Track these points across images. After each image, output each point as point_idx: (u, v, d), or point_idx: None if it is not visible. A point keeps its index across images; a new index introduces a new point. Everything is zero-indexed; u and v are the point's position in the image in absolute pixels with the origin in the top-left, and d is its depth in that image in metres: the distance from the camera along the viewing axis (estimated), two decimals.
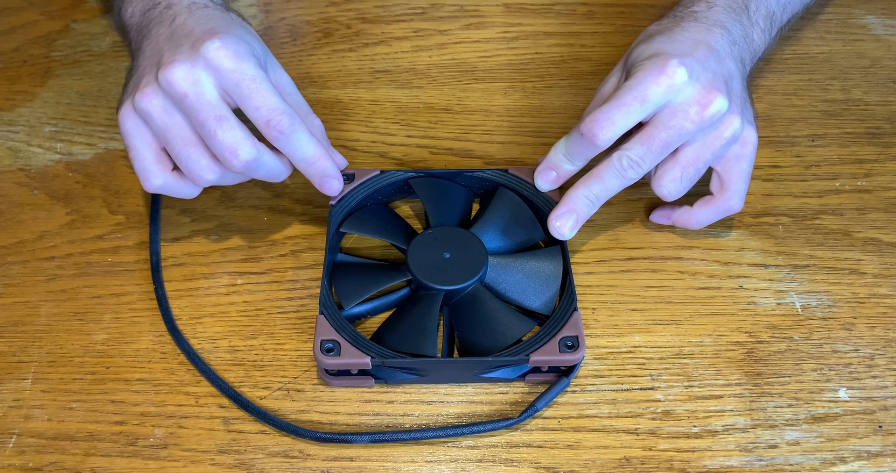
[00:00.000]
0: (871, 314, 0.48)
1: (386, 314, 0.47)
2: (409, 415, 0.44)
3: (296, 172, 0.55)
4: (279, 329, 0.47)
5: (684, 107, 0.44)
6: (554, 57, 0.64)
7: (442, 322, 0.46)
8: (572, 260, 0.50)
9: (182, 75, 0.42)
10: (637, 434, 0.43)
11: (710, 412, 0.44)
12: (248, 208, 0.53)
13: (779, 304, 0.48)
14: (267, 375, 0.45)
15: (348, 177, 0.50)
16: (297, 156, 0.45)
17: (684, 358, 0.46)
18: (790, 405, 0.44)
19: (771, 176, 0.55)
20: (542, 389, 0.44)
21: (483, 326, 0.44)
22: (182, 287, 0.49)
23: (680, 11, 0.50)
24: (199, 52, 0.42)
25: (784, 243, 0.51)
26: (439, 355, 0.44)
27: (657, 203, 0.52)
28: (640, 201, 0.53)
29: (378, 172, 0.50)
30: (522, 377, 0.44)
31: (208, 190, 0.50)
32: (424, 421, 0.43)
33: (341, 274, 0.47)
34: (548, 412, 0.44)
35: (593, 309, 0.48)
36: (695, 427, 0.43)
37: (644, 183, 0.48)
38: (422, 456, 0.42)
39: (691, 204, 0.50)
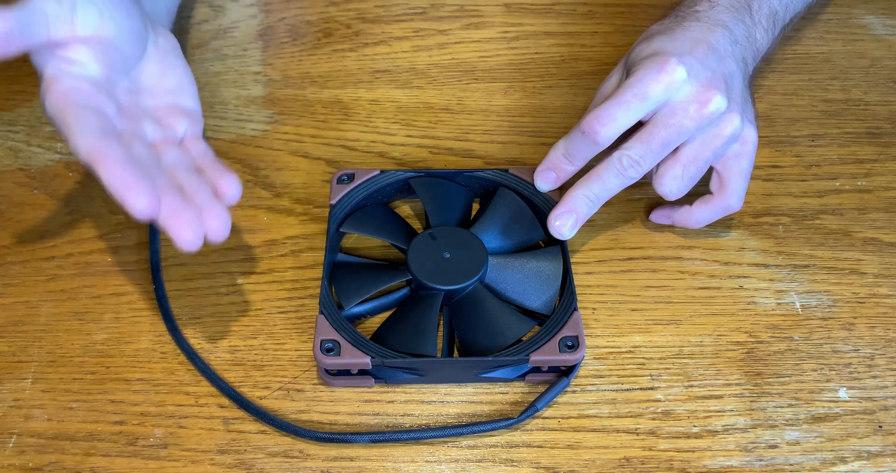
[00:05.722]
0: (871, 314, 0.48)
1: (386, 314, 0.47)
2: (409, 415, 0.44)
3: (296, 172, 0.55)
4: (279, 329, 0.47)
5: (683, 105, 0.44)
6: (554, 57, 0.64)
7: (442, 322, 0.46)
8: (572, 260, 0.50)
9: None
10: (637, 434, 0.43)
11: (710, 412, 0.44)
12: (248, 208, 0.53)
13: (779, 304, 0.48)
14: (267, 375, 0.45)
15: (348, 177, 0.50)
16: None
17: (684, 358, 0.46)
18: (790, 405, 0.44)
19: (771, 176, 0.55)
20: (542, 389, 0.44)
21: (483, 326, 0.44)
22: (182, 287, 0.49)
23: (682, 11, 0.50)
24: None
25: (784, 243, 0.51)
26: (439, 355, 0.44)
27: (657, 203, 0.52)
28: (640, 201, 0.53)
29: (378, 172, 0.50)
30: (522, 377, 0.44)
31: None
32: (424, 421, 0.43)
33: (341, 274, 0.47)
34: (548, 412, 0.44)
35: (593, 309, 0.48)
36: (695, 426, 0.43)
37: (644, 183, 0.48)
38: (422, 456, 0.42)
39: (691, 203, 0.50)
